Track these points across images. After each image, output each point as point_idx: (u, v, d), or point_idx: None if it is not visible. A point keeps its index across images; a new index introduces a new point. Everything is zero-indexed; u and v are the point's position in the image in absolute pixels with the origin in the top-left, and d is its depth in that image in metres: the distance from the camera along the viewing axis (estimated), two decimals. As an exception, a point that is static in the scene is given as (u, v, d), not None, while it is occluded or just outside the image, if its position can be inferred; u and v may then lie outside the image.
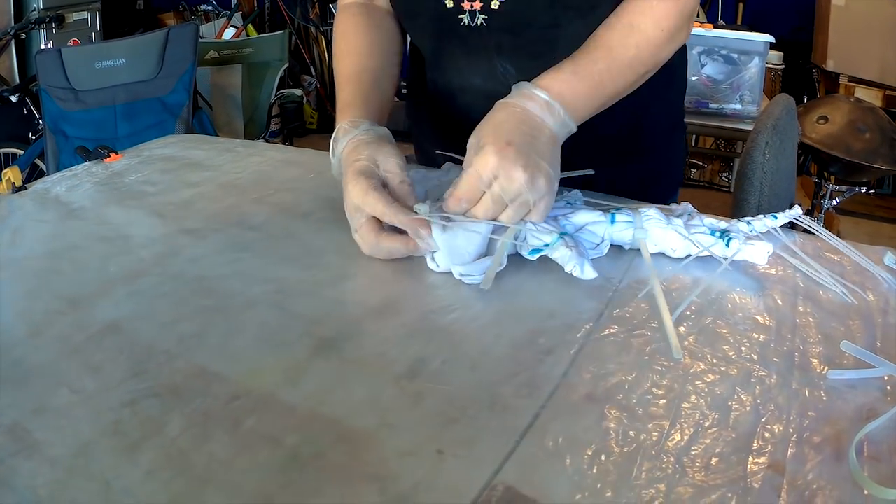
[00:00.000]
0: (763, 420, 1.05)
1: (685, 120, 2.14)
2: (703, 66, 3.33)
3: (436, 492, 0.94)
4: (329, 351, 1.27)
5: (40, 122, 5.75)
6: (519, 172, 1.41)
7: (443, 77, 1.95)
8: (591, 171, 1.69)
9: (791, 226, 1.69)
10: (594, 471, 0.96)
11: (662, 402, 1.09)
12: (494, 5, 1.71)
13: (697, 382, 1.14)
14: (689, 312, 1.34)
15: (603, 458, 0.98)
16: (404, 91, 2.31)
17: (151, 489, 0.97)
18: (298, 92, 7.05)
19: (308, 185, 1.94)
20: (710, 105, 3.35)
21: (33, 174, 5.26)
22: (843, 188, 4.68)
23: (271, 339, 1.32)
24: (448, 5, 1.77)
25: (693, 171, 4.99)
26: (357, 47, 1.95)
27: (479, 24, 1.76)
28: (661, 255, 1.55)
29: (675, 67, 1.94)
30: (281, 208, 1.86)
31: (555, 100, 1.52)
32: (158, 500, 0.95)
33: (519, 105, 1.50)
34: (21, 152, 5.72)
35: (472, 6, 1.74)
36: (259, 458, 1.02)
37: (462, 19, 1.77)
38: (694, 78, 3.34)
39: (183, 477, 0.99)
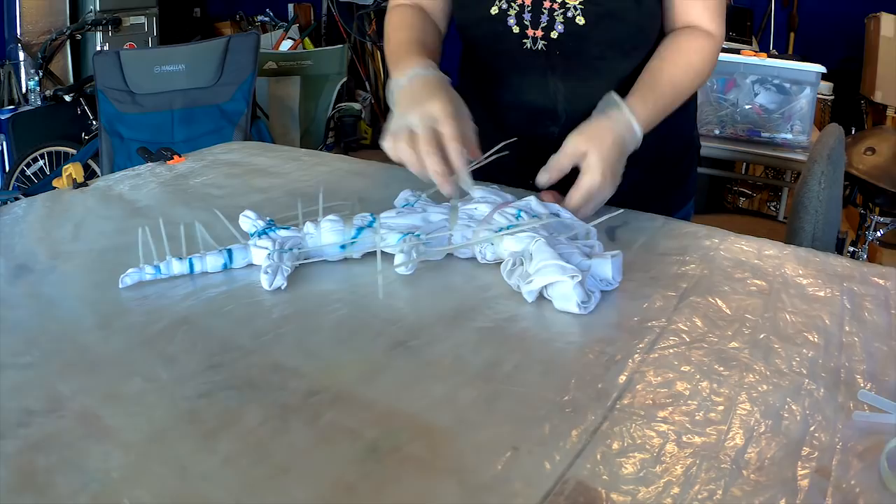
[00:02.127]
0: (811, 429, 1.11)
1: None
2: (756, 94, 3.37)
3: (512, 484, 0.99)
4: (404, 351, 1.32)
5: (94, 122, 5.79)
6: (606, 194, 1.77)
7: (496, 90, 2.13)
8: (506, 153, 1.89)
9: (839, 250, 1.75)
10: (657, 469, 1.01)
11: (720, 408, 1.15)
12: (553, 35, 1.92)
13: (752, 392, 1.19)
14: (745, 329, 1.40)
15: (665, 457, 1.04)
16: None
17: (230, 475, 1.02)
18: (357, 106, 7.08)
19: (377, 195, 1.98)
20: (762, 134, 3.38)
21: (86, 174, 5.25)
22: (888, 220, 4.67)
23: (347, 338, 1.37)
24: (514, 31, 1.98)
25: (742, 199, 5.00)
26: (410, 25, 2.14)
27: (539, 48, 1.96)
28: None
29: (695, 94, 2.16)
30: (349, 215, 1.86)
31: (640, 128, 1.79)
32: (237, 486, 0.99)
33: (616, 129, 1.76)
34: (74, 151, 5.75)
35: (534, 34, 1.95)
36: (338, 450, 1.06)
37: (525, 43, 1.98)
38: (747, 107, 3.37)
39: (262, 465, 1.03)
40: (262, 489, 0.99)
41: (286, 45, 7.48)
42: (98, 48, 6.70)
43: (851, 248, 4.70)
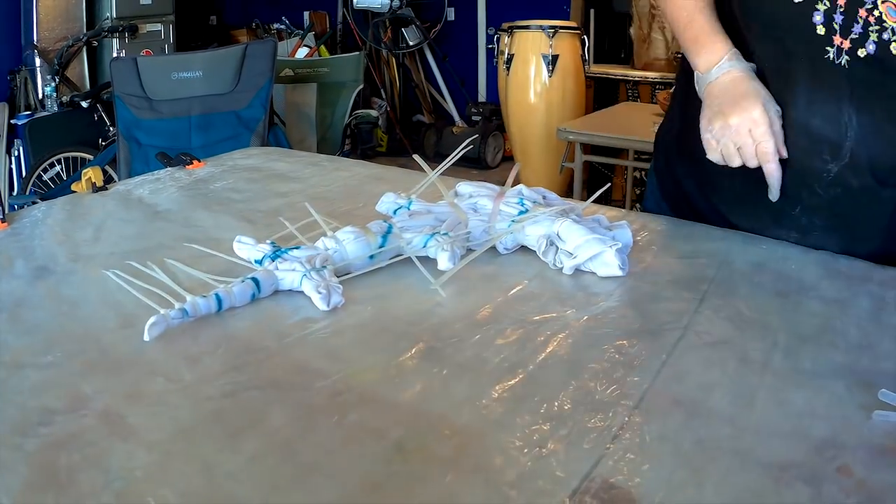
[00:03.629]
0: (834, 429, 1.11)
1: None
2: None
3: (537, 483, 0.99)
4: (429, 353, 1.33)
5: (111, 128, 5.82)
6: None
7: (784, 107, 1.74)
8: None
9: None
10: (682, 466, 1.02)
11: (744, 408, 1.15)
12: (861, 53, 1.59)
13: (775, 392, 1.20)
14: (766, 331, 1.40)
15: (689, 454, 1.04)
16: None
17: (256, 474, 1.02)
18: (374, 113, 7.09)
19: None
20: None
21: (103, 180, 5.22)
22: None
23: (370, 340, 1.38)
24: (818, 31, 1.64)
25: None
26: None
27: (842, 63, 1.63)
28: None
29: None
30: (370, 220, 1.85)
31: None
32: (264, 485, 1.00)
33: None
34: (91, 157, 5.77)
35: (841, 42, 1.62)
36: (364, 449, 1.07)
37: (828, 52, 1.64)
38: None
39: (288, 464, 1.04)
40: (290, 488, 0.99)
41: (302, 53, 7.50)
42: (115, 55, 6.73)
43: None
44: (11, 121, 6.13)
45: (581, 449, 1.06)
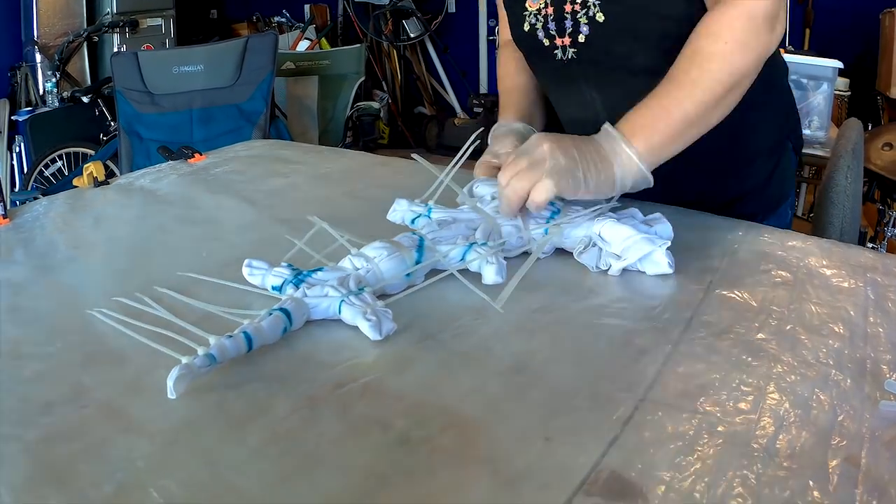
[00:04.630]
0: (840, 418, 1.11)
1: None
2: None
3: (546, 473, 0.99)
4: (433, 343, 1.33)
5: (112, 123, 5.82)
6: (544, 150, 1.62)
7: (558, 111, 2.14)
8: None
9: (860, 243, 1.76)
10: (690, 457, 1.02)
11: (749, 398, 1.15)
12: (581, 38, 1.84)
13: (781, 382, 1.20)
14: (772, 320, 1.40)
15: (697, 446, 1.04)
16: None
17: (260, 466, 1.02)
18: (376, 105, 7.09)
19: (401, 182, 1.98)
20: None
21: (105, 174, 5.21)
22: (907, 216, 4.65)
23: (375, 330, 1.36)
24: (545, 43, 1.93)
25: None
26: (508, 72, 2.22)
27: (570, 57, 1.90)
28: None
29: (770, 83, 1.89)
30: (374, 204, 1.88)
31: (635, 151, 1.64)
32: (268, 477, 1.00)
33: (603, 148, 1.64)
34: (92, 152, 5.77)
35: (563, 42, 1.88)
36: (369, 440, 1.07)
37: (556, 54, 1.91)
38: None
39: (293, 455, 1.04)
40: (293, 479, 0.99)
41: (303, 46, 7.49)
42: (115, 50, 6.72)
43: (870, 245, 4.68)
44: (12, 117, 6.13)
45: (589, 440, 1.05)
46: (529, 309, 1.44)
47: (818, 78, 3.60)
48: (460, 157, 1.85)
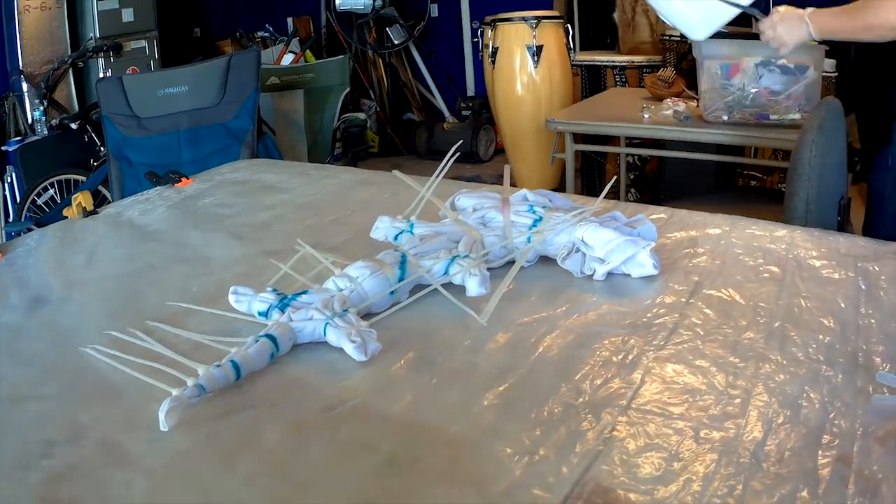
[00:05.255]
0: (831, 416, 1.10)
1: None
2: (760, 77, 3.34)
3: (531, 491, 0.98)
4: (419, 362, 1.32)
5: (101, 148, 5.80)
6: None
7: None
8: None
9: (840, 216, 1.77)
10: (676, 467, 1.01)
11: (737, 401, 1.14)
12: None
13: (769, 382, 1.19)
14: (760, 318, 1.39)
15: (684, 454, 1.03)
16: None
17: (250, 495, 1.02)
18: (362, 115, 7.08)
19: (385, 204, 1.98)
20: (771, 116, 3.36)
21: (96, 200, 5.22)
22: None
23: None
24: None
25: (752, 182, 4.99)
26: None
27: None
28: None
29: None
30: (359, 228, 1.89)
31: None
32: None
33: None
34: (83, 178, 5.75)
35: None
36: (357, 464, 1.07)
37: None
38: (753, 90, 3.34)
39: (282, 483, 1.04)
40: (284, 508, 0.99)
41: (288, 59, 7.49)
42: (101, 74, 6.70)
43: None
44: (2, 148, 6.11)
45: (573, 453, 1.05)
46: (514, 321, 1.44)
47: (805, 62, 3.59)
48: (440, 172, 1.84)
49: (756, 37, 2.48)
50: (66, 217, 2.29)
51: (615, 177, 2.25)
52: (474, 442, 1.10)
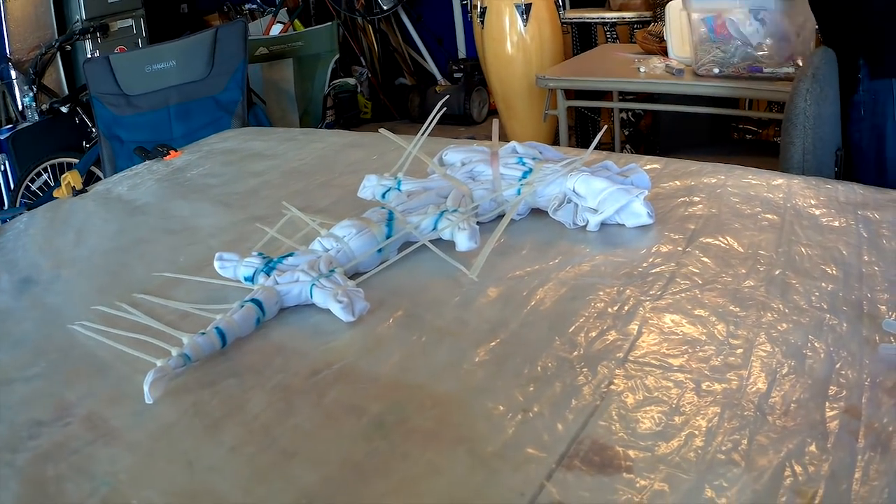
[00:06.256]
0: (837, 366, 1.06)
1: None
2: (751, 26, 3.30)
3: (524, 450, 0.95)
4: (408, 320, 1.29)
5: (93, 129, 5.78)
6: None
7: None
8: None
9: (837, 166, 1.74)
10: (677, 421, 0.97)
11: (739, 351, 1.11)
12: None
13: (772, 332, 1.15)
14: (759, 266, 1.35)
15: (685, 408, 1.00)
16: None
17: (236, 465, 1.00)
18: (352, 81, 7.05)
19: (372, 166, 1.95)
20: (765, 70, 3.32)
21: (90, 181, 5.23)
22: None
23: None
24: None
25: (748, 136, 4.97)
26: None
27: None
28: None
29: None
30: (347, 190, 1.86)
31: None
32: (244, 475, 0.98)
33: None
34: (76, 161, 5.75)
35: None
36: (344, 428, 1.04)
37: None
38: (739, 44, 3.30)
39: (268, 451, 1.02)
40: (270, 476, 0.97)
41: (276, 30, 7.44)
42: (89, 56, 6.69)
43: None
44: (-6, 136, 6.10)
45: (568, 409, 1.01)
46: (505, 275, 1.41)
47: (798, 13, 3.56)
48: (426, 128, 1.81)
49: None
50: (57, 198, 2.28)
51: (606, 126, 2.21)
52: (465, 401, 1.07)
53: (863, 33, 2.25)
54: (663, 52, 3.89)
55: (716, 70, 3.40)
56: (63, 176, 2.33)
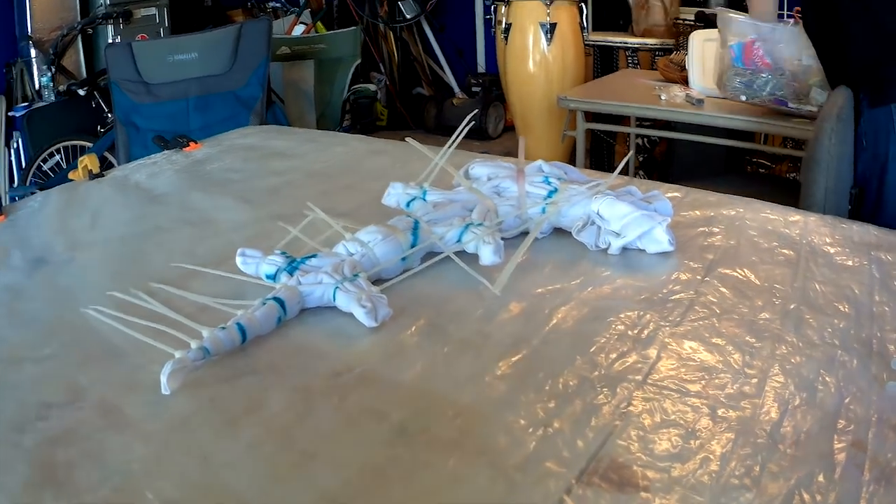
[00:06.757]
0: (846, 401, 1.08)
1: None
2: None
3: (544, 465, 0.97)
4: (430, 329, 1.31)
5: (109, 115, 5.78)
6: None
7: None
8: None
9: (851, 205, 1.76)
10: (693, 444, 0.99)
11: (754, 381, 1.13)
12: None
13: (786, 364, 1.17)
14: (775, 300, 1.37)
15: (701, 432, 1.02)
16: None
17: (253, 463, 1.00)
18: (373, 87, 7.05)
19: (396, 174, 1.96)
20: (790, 104, 3.33)
21: (102, 166, 5.19)
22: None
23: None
24: None
25: (761, 170, 4.98)
26: None
27: None
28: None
29: None
30: (370, 195, 1.86)
31: None
32: (262, 474, 0.98)
33: None
34: (90, 145, 5.73)
35: None
36: (365, 433, 1.05)
37: None
38: (775, 74, 3.30)
39: (287, 451, 1.02)
40: (288, 477, 0.97)
41: (299, 30, 7.44)
42: (110, 41, 6.68)
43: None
44: (9, 113, 6.09)
45: (588, 427, 1.03)
46: (527, 291, 1.42)
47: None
48: (455, 139, 1.82)
49: None
50: (72, 180, 2.27)
51: (631, 152, 2.24)
52: (486, 412, 1.08)
53: (859, 64, 2.26)
54: (684, 82, 3.90)
55: (742, 98, 3.40)
56: (80, 158, 2.32)
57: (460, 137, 1.83)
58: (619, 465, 0.96)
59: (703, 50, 3.68)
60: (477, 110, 1.97)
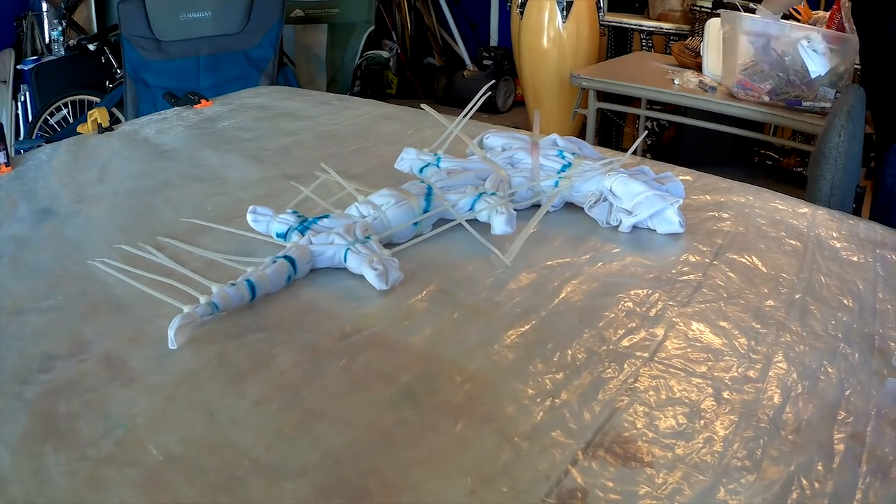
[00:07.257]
0: (847, 393, 1.09)
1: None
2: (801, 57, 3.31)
3: (551, 435, 0.97)
4: (440, 295, 1.31)
5: (118, 70, 5.77)
6: None
7: None
8: None
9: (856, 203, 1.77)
10: (697, 424, 1.00)
11: (758, 366, 1.14)
12: None
13: (789, 352, 1.18)
14: (781, 288, 1.38)
15: (705, 412, 1.03)
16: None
17: (259, 420, 1.00)
18: (385, 54, 7.03)
19: (408, 140, 1.96)
20: (804, 103, 3.33)
21: (110, 121, 5.16)
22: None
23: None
24: None
25: (768, 161, 4.99)
26: None
27: None
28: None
29: None
30: (382, 160, 1.87)
31: None
32: (268, 431, 0.98)
33: None
34: (97, 100, 5.72)
35: None
36: (373, 395, 1.05)
37: None
38: (793, 70, 3.31)
39: (293, 409, 1.02)
40: (294, 434, 0.98)
41: (313, -7, 7.48)
42: (121, -2, 6.68)
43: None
44: (18, 66, 6.07)
45: (595, 400, 1.04)
46: (537, 263, 1.43)
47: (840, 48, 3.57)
48: (471, 108, 1.82)
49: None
50: (81, 133, 2.27)
51: (646, 132, 2.24)
52: (494, 380, 1.08)
53: None
54: (697, 68, 3.91)
55: (766, 98, 3.41)
56: (90, 111, 2.32)
57: (476, 107, 1.83)
58: (624, 439, 0.97)
59: (719, 37, 3.68)
60: (493, 82, 1.95)
